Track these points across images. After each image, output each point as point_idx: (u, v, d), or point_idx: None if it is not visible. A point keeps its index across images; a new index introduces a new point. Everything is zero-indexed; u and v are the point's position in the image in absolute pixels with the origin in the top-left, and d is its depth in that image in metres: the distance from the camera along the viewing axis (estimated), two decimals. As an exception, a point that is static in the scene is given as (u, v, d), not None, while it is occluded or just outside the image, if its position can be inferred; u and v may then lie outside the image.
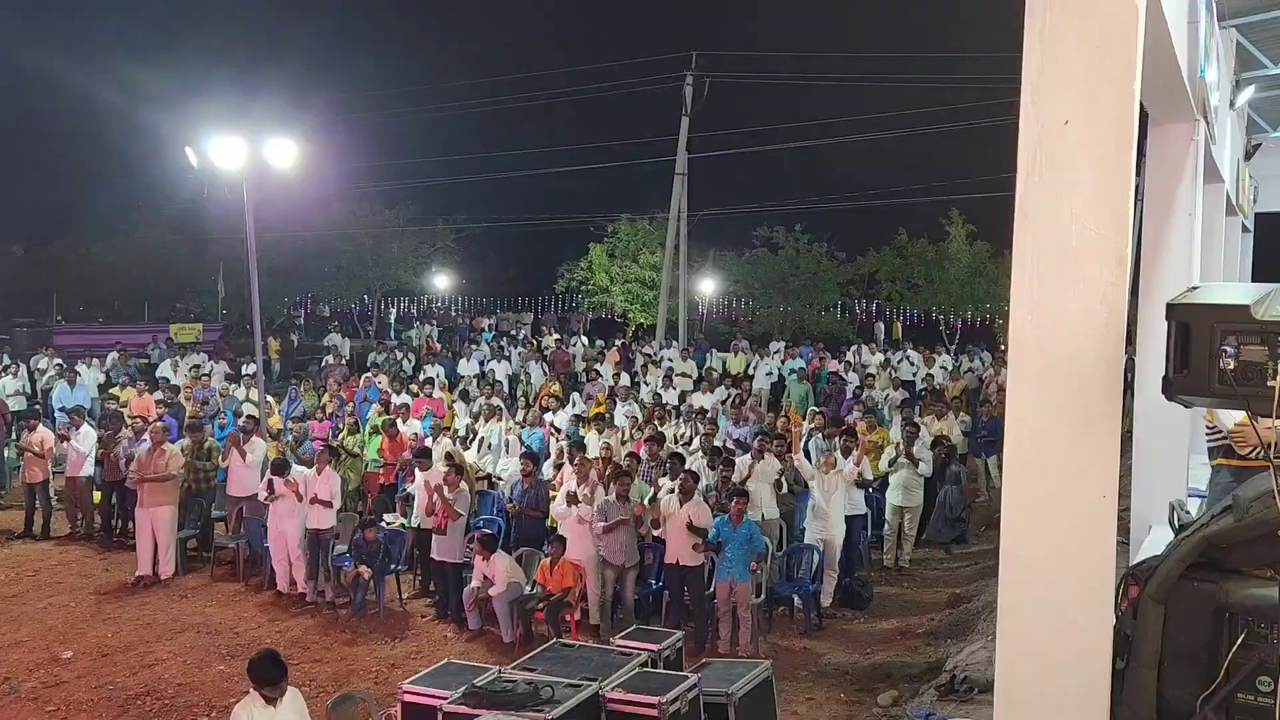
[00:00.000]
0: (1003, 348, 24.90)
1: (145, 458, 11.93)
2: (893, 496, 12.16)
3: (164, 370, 21.44)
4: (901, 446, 12.11)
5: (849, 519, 11.11)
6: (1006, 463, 2.95)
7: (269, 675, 5.49)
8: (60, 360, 21.26)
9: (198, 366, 21.64)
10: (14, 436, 15.42)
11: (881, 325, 32.47)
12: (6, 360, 22.00)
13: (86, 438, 13.43)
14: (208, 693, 8.52)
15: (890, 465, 12.18)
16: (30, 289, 35.36)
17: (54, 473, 13.90)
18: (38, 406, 16.76)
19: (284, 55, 49.38)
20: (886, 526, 12.23)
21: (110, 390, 18.74)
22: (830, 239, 31.69)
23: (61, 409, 16.12)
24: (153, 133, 31.77)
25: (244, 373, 19.73)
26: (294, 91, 35.49)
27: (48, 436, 13.75)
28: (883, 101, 31.13)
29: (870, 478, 11.91)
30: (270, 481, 11.21)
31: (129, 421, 13.81)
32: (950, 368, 21.37)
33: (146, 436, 12.37)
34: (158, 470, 11.77)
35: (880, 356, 22.95)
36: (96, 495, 13.55)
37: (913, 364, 21.63)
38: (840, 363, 21.88)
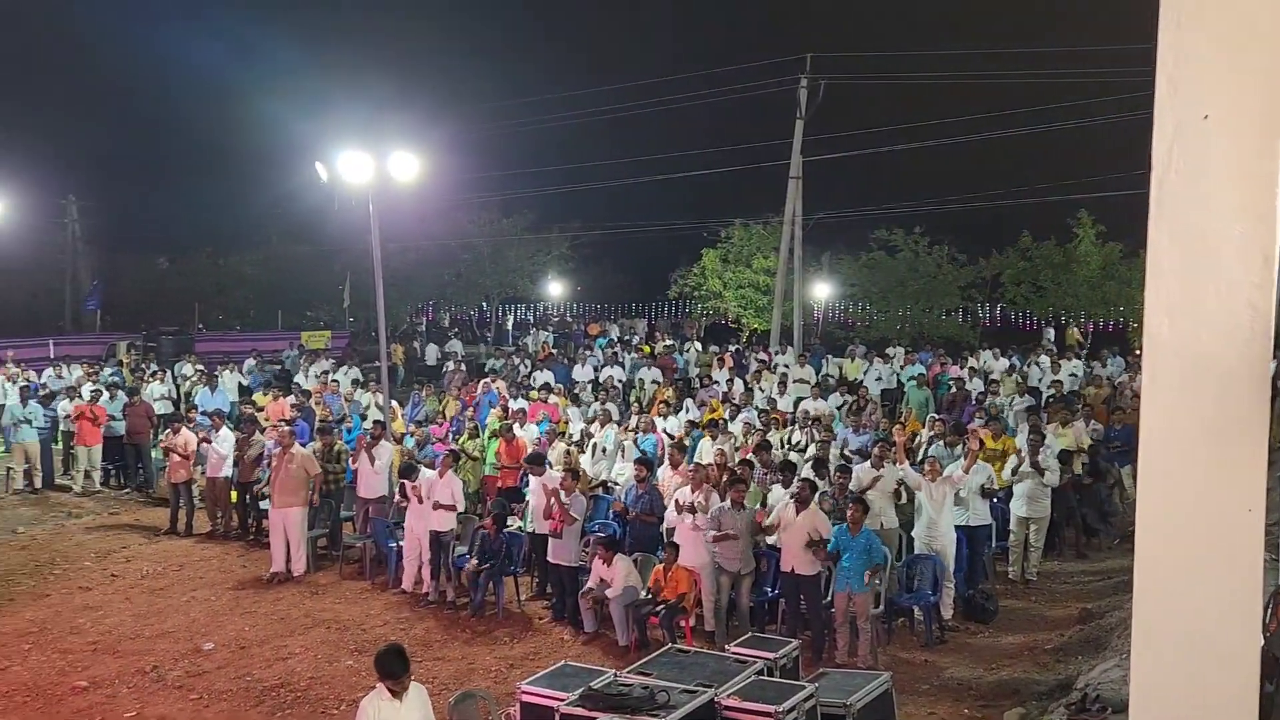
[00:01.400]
0: (1137, 352, 23.82)
1: (275, 461, 12.48)
2: (1017, 507, 11.74)
3: (297, 376, 22.44)
4: (1026, 455, 11.69)
5: (973, 529, 10.78)
6: (1141, 473, 2.81)
7: (393, 669, 5.66)
8: (202, 366, 22.48)
9: (326, 372, 22.54)
10: (161, 438, 16.38)
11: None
12: (154, 366, 23.40)
13: (225, 440, 14.14)
14: (338, 686, 8.85)
15: (1015, 475, 11.77)
16: (174, 299, 37.51)
17: (196, 473, 14.67)
18: (187, 410, 17.71)
19: (408, 69, 51.02)
20: (1012, 538, 11.81)
21: (253, 396, 19.69)
22: (950, 241, 30.82)
23: (203, 412, 17.01)
24: (285, 148, 33.33)
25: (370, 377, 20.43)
26: (418, 104, 36.73)
27: (191, 439, 14.53)
28: (1005, 98, 30.12)
29: (995, 487, 11.54)
30: (402, 485, 11.58)
31: (266, 425, 14.46)
32: (1080, 373, 20.50)
33: (275, 439, 12.97)
34: (288, 473, 12.29)
35: (1005, 362, 22.20)
36: (234, 495, 14.26)
37: (1041, 370, 20.87)
38: (964, 368, 21.25)
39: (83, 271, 38.81)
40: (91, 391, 17.46)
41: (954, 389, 18.41)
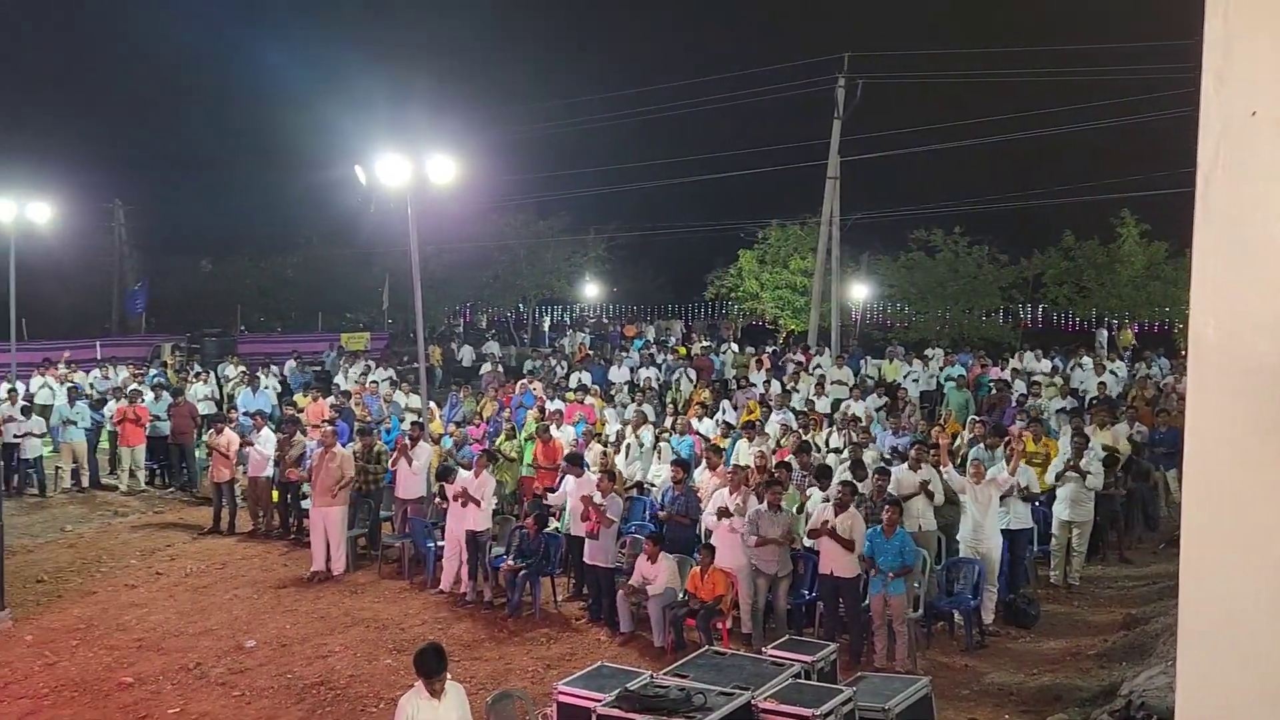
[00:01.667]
0: (1182, 354, 23.40)
1: (316, 460, 12.62)
2: (1060, 511, 11.57)
3: (336, 377, 22.69)
4: (1069, 458, 11.52)
5: (1014, 533, 10.65)
6: (1186, 477, 2.76)
7: (430, 668, 5.70)
8: (244, 367, 22.79)
9: (365, 373, 22.76)
10: (204, 438, 16.64)
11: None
12: (198, 368, 23.77)
13: (267, 441, 14.32)
14: (377, 684, 8.93)
15: (1057, 478, 11.61)
16: (217, 301, 38.10)
17: (239, 473, 14.88)
18: (231, 411, 17.97)
19: (446, 72, 51.42)
20: (1054, 542, 11.65)
21: (293, 397, 19.94)
22: (991, 241, 30.47)
23: (245, 413, 17.24)
24: (325, 152, 33.69)
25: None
26: (455, 106, 36.96)
27: (233, 439, 14.73)
28: (1047, 95, 29.75)
29: (1036, 490, 11.39)
30: (441, 487, 11.66)
31: (307, 426, 14.63)
32: (1123, 375, 20.18)
33: (318, 440, 13.11)
34: (328, 473, 12.42)
35: (1048, 364, 21.91)
36: (275, 494, 14.44)
37: (1083, 371, 20.57)
38: (1005, 370, 20.98)
39: (129, 274, 39.54)
40: (131, 392, 17.78)
41: (994, 390, 18.21)
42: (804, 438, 13.74)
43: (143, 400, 17.47)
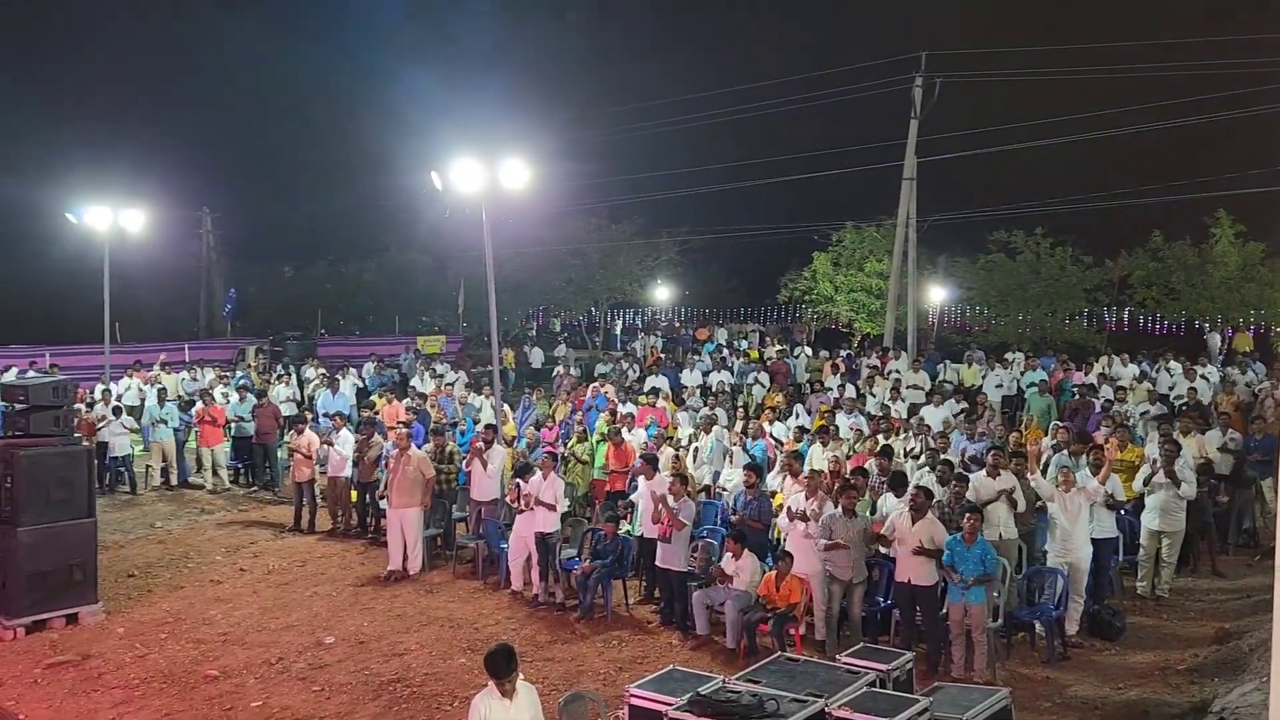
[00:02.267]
0: None
1: (393, 463, 12.83)
2: (1149, 520, 11.18)
3: (413, 380, 23.08)
4: (1159, 466, 11.13)
5: (1098, 542, 10.33)
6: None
7: (499, 669, 5.74)
8: (324, 369, 23.33)
9: (441, 376, 23.11)
10: (285, 439, 17.07)
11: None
12: (280, 370, 24.42)
13: (346, 441, 14.62)
14: (451, 683, 9.03)
15: (1146, 486, 11.21)
16: (298, 305, 39.12)
17: (318, 473, 15.23)
18: (306, 412, 18.39)
19: (517, 77, 52.02)
20: (1142, 552, 11.26)
21: (370, 397, 20.35)
22: (1075, 242, 29.64)
23: (324, 414, 17.64)
24: (402, 159, 34.40)
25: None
26: (528, 110, 37.35)
27: (314, 439, 15.08)
28: (1132, 93, 28.79)
29: (1122, 498, 11.02)
30: (518, 484, 11.77)
31: (388, 428, 14.90)
32: (1217, 380, 19.41)
33: (392, 441, 13.34)
34: (405, 474, 12.61)
35: (1134, 368, 21.22)
36: (354, 494, 14.73)
37: (1171, 376, 19.87)
38: (1089, 374, 20.38)
39: (216, 280, 40.83)
40: (205, 394, 18.32)
41: (1077, 396, 17.70)
42: (885, 442, 13.54)
43: (216, 402, 17.99)
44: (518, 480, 11.72)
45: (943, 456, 12.13)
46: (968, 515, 9.31)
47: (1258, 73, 22.16)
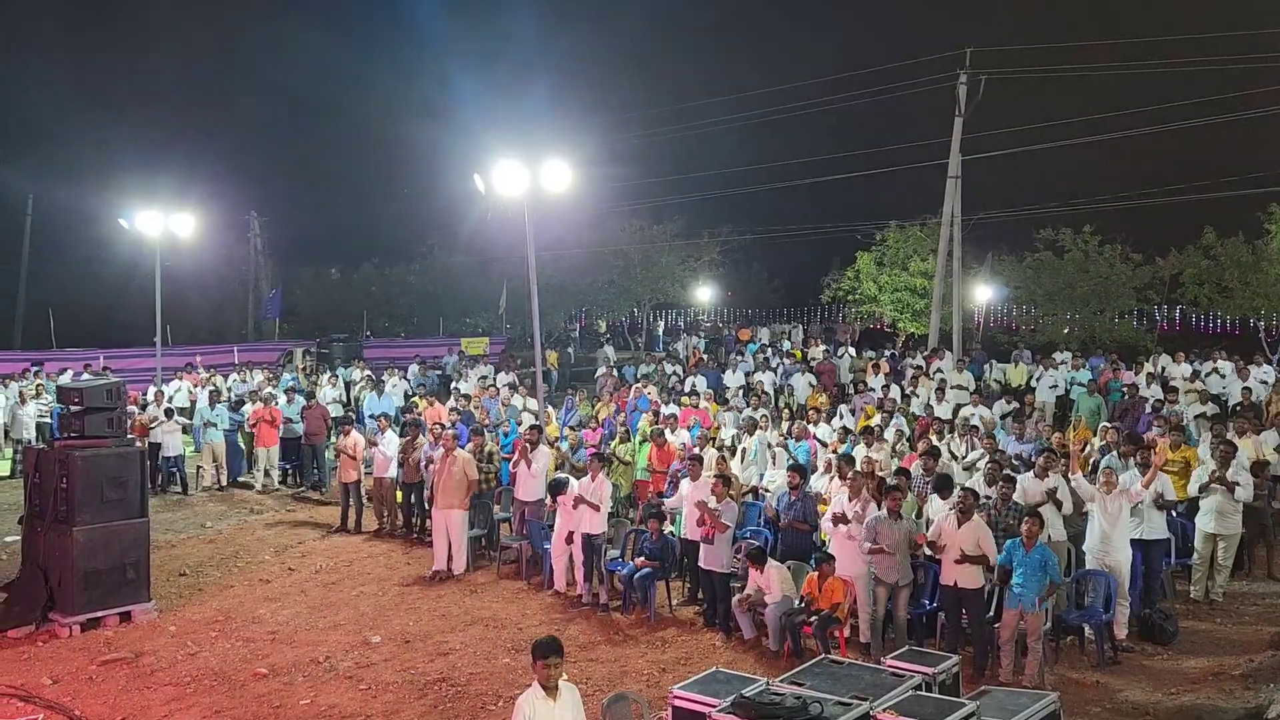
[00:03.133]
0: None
1: (439, 464, 12.95)
2: (1204, 523, 10.94)
3: (457, 381, 23.25)
4: (1214, 468, 10.88)
5: (1148, 544, 10.13)
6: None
7: (545, 652, 5.72)
8: (370, 371, 23.60)
9: (485, 377, 23.27)
10: (332, 440, 17.29)
11: None
12: (328, 371, 24.73)
13: (391, 442, 14.77)
14: (495, 683, 9.09)
15: (1200, 488, 10.97)
16: (344, 308, 39.63)
17: (365, 473, 15.40)
18: (352, 413, 18.61)
19: (559, 79, 52.30)
20: (1196, 555, 11.01)
21: (411, 399, 20.55)
22: (1124, 240, 29.10)
23: (370, 415, 17.84)
24: (445, 162, 34.70)
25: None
26: (569, 112, 37.54)
27: (360, 440, 15.25)
28: (1181, 88, 28.22)
29: (1173, 498, 10.79)
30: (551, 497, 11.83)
31: (430, 429, 15.06)
32: (1271, 380, 18.94)
33: (432, 442, 13.47)
34: (450, 476, 12.72)
35: (1188, 368, 20.77)
36: (399, 495, 14.88)
37: (1223, 376, 19.42)
38: (1140, 374, 19.99)
39: (264, 283, 41.51)
40: (265, 395, 18.60)
41: (1126, 395, 17.38)
42: (934, 442, 13.40)
43: (276, 402, 18.27)
44: (553, 495, 11.80)
45: (995, 456, 11.95)
46: (1026, 519, 9.16)
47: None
